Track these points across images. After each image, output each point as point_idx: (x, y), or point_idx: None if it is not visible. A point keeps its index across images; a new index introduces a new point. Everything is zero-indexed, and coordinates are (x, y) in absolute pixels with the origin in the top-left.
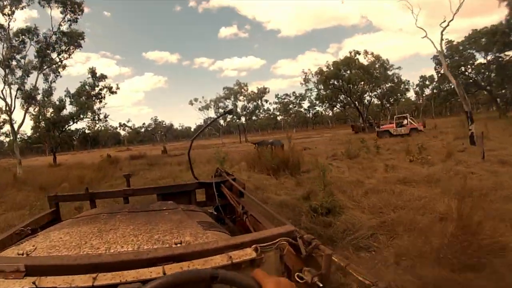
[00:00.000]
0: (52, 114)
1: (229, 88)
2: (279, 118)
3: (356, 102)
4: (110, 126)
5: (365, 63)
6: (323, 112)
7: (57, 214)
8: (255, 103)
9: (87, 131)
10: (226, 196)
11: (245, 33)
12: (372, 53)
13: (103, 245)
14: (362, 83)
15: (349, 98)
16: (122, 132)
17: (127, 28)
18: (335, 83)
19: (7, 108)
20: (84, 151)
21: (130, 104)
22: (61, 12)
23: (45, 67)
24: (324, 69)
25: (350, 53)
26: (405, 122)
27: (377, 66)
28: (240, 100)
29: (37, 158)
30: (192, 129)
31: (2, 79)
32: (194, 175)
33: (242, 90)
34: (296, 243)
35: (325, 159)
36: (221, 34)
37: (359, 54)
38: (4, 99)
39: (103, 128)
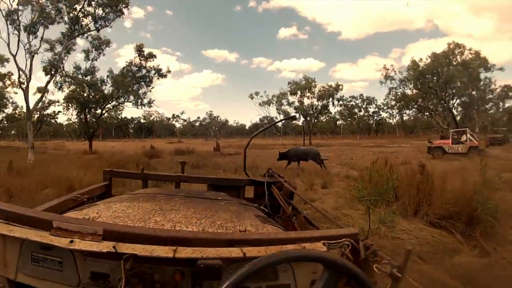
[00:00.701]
0: (82, 94)
1: (295, 82)
2: (338, 122)
3: (451, 107)
4: (166, 117)
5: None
6: (387, 119)
7: (109, 187)
8: (324, 101)
9: (142, 121)
10: (275, 196)
11: (305, 34)
12: (470, 49)
13: (167, 222)
14: (459, 83)
15: (442, 102)
16: (177, 124)
17: (187, 26)
18: (430, 82)
19: (21, 79)
20: (136, 139)
21: (187, 99)
22: None
23: (76, 34)
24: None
25: (449, 45)
26: (463, 138)
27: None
28: (306, 97)
29: (86, 142)
30: (247, 127)
31: (24, 46)
32: (246, 171)
33: (311, 85)
34: (357, 246)
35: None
36: (281, 34)
37: (460, 47)
38: (20, 69)
39: (158, 119)
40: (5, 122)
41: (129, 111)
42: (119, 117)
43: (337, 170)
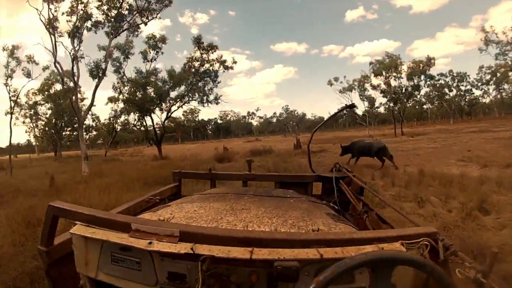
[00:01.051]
0: (136, 95)
1: (379, 61)
2: (425, 106)
3: None
4: (242, 116)
5: None
6: (480, 98)
7: (179, 188)
8: (414, 81)
9: (219, 121)
10: (344, 192)
11: (373, 13)
12: None
13: (239, 222)
14: None
15: None
16: (254, 123)
17: (252, 24)
18: None
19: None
20: (214, 140)
21: (262, 96)
22: None
23: (121, 31)
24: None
25: None
26: None
27: None
28: (393, 78)
29: (165, 146)
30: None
31: (69, 52)
32: (311, 167)
33: (397, 63)
34: (436, 246)
35: None
36: (348, 18)
37: None
38: (70, 76)
39: (234, 118)
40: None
41: (207, 112)
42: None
43: (464, 170)
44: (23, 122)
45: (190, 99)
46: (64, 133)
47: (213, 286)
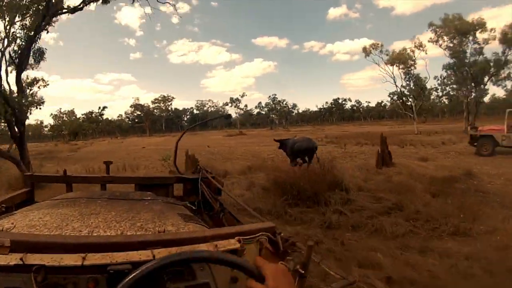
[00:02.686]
0: None
1: (447, 17)
2: None
3: None
4: (224, 103)
5: None
6: None
7: (31, 194)
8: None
9: (195, 111)
10: (204, 192)
11: (356, 12)
12: None
13: (85, 228)
14: None
15: None
16: (234, 114)
17: (234, 16)
18: None
19: None
20: (189, 132)
21: (240, 89)
22: None
23: None
24: None
25: None
26: None
27: None
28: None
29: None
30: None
31: None
32: (177, 167)
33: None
34: (275, 239)
35: None
36: (330, 15)
37: None
38: None
39: (213, 109)
40: None
41: (181, 102)
42: (169, 108)
43: None
44: None
45: None
46: None
47: None
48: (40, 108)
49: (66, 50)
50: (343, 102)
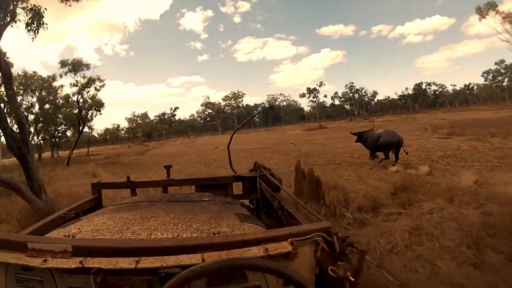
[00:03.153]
0: None
1: None
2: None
3: None
4: (293, 100)
5: None
6: None
7: (99, 200)
8: None
9: (267, 106)
10: (263, 190)
11: None
12: None
13: (144, 231)
14: None
15: None
16: (306, 108)
17: (295, 8)
18: None
19: None
20: (261, 128)
21: (310, 82)
22: None
23: None
24: None
25: None
26: None
27: None
28: None
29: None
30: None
31: None
32: (232, 167)
33: None
34: (331, 240)
35: None
36: None
37: None
38: None
39: (285, 103)
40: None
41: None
42: (240, 104)
43: None
44: None
45: None
46: None
47: None
48: (100, 113)
49: (138, 59)
50: (427, 87)
